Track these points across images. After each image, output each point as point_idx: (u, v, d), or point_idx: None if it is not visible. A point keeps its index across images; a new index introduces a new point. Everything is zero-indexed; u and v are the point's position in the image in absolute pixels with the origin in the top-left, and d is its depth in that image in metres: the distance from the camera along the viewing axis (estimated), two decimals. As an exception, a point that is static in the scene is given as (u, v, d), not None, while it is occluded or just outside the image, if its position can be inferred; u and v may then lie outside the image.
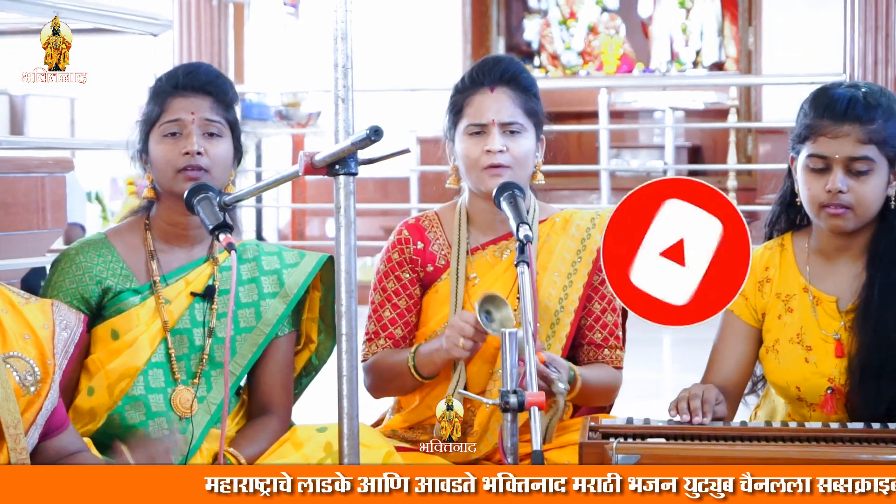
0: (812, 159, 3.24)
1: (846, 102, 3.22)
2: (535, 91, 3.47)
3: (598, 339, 3.49)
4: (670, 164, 10.42)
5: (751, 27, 12.94)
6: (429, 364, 3.33)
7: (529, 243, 3.06)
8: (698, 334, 8.21)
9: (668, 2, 13.85)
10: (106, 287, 3.21)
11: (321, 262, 3.35)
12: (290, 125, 11.84)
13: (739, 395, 3.43)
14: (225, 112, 3.24)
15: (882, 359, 3.22)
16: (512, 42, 14.29)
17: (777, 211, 3.45)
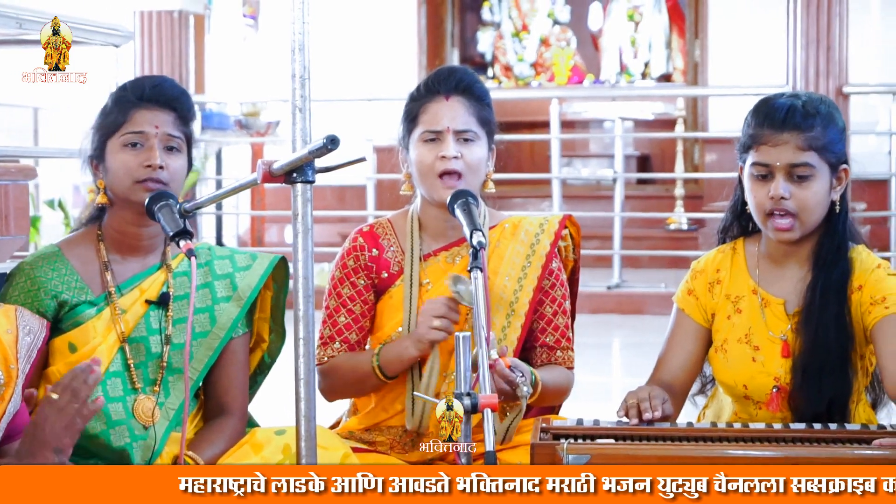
0: (755, 167, 3.26)
1: (785, 111, 3.24)
2: (488, 101, 3.47)
3: (550, 341, 3.50)
4: (620, 172, 10.44)
5: (697, 40, 13.00)
6: (395, 362, 3.32)
7: (483, 249, 3.06)
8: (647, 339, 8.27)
9: (618, 15, 13.88)
10: (62, 301, 3.18)
11: (273, 264, 3.34)
12: (249, 134, 11.81)
13: (686, 392, 3.44)
14: (184, 127, 3.22)
15: (823, 359, 3.24)
16: (466, 53, 14.30)
17: (729, 218, 3.47)
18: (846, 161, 3.31)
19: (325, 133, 2.38)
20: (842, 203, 3.32)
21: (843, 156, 3.30)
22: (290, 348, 2.56)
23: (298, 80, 2.46)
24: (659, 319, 8.98)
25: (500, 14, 14.33)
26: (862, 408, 3.34)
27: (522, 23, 14.25)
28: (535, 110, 12.15)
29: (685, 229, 11.96)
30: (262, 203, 11.90)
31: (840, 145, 3.29)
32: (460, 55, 13.97)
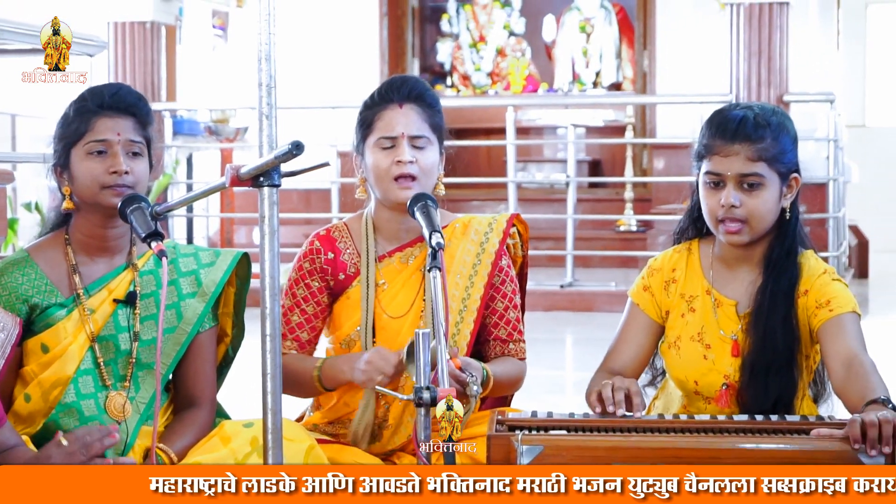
0: (708, 175, 3.28)
1: (737, 123, 3.25)
2: (438, 108, 3.48)
3: (503, 334, 3.50)
4: (572, 176, 10.45)
5: (646, 51, 13.03)
6: (332, 380, 3.32)
7: (442, 250, 3.07)
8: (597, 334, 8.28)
9: (570, 27, 13.89)
10: (33, 304, 3.16)
11: (235, 260, 3.33)
12: (218, 140, 11.79)
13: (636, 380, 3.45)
14: (144, 132, 3.21)
15: (770, 359, 3.26)
16: (426, 63, 14.29)
17: (686, 221, 3.49)
18: (797, 170, 3.32)
19: (290, 139, 2.38)
20: (792, 209, 3.33)
21: (793, 165, 3.30)
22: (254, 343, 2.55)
23: (265, 88, 2.46)
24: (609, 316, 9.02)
25: (459, 26, 14.33)
26: (805, 403, 3.36)
27: (480, 34, 14.25)
28: (492, 117, 12.16)
29: (634, 231, 11.99)
30: (231, 206, 11.87)
31: (791, 155, 3.29)
32: (420, 65, 13.97)
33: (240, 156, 12.03)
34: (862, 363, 3.11)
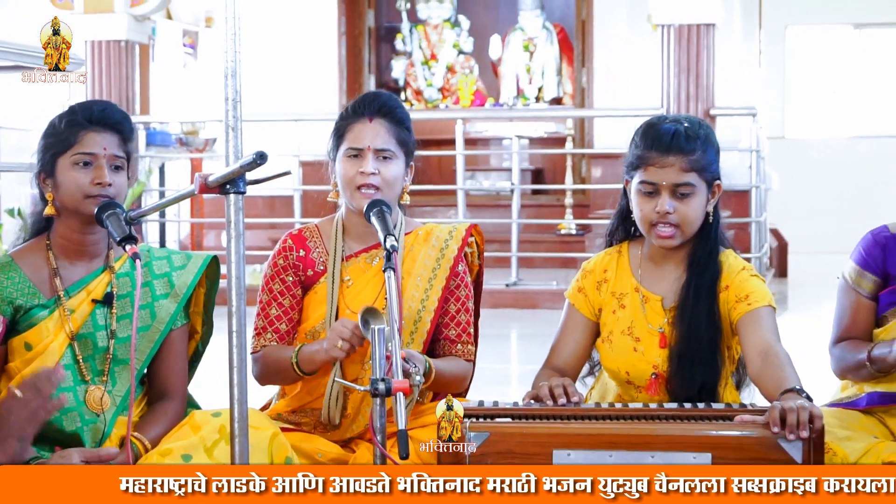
0: (643, 185, 3.29)
1: (671, 137, 3.27)
2: (408, 124, 3.47)
3: (452, 335, 3.50)
4: (516, 184, 10.47)
5: (584, 68, 13.07)
6: (309, 362, 3.31)
7: (395, 252, 3.07)
8: (540, 330, 8.28)
9: (515, 46, 13.91)
10: (17, 306, 3.15)
11: (206, 263, 3.33)
12: (189, 150, 11.75)
13: (576, 375, 3.47)
14: (126, 147, 3.20)
15: (695, 349, 3.28)
16: (381, 79, 14.27)
17: (615, 224, 3.50)
18: (719, 177, 3.35)
19: (255, 150, 2.38)
20: (714, 213, 3.36)
21: (717, 173, 3.34)
22: (222, 339, 2.54)
23: (231, 102, 2.46)
24: (551, 313, 9.03)
25: (412, 45, 14.32)
26: (728, 390, 3.38)
27: (431, 52, 14.25)
28: (443, 129, 12.16)
29: (574, 234, 12.02)
30: (200, 211, 11.83)
31: (715, 165, 3.32)
32: (376, 81, 13.95)
33: (209, 165, 11.99)
34: (777, 353, 3.14)
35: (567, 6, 14.00)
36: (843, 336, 3.54)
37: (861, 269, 3.54)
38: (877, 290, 3.52)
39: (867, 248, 3.55)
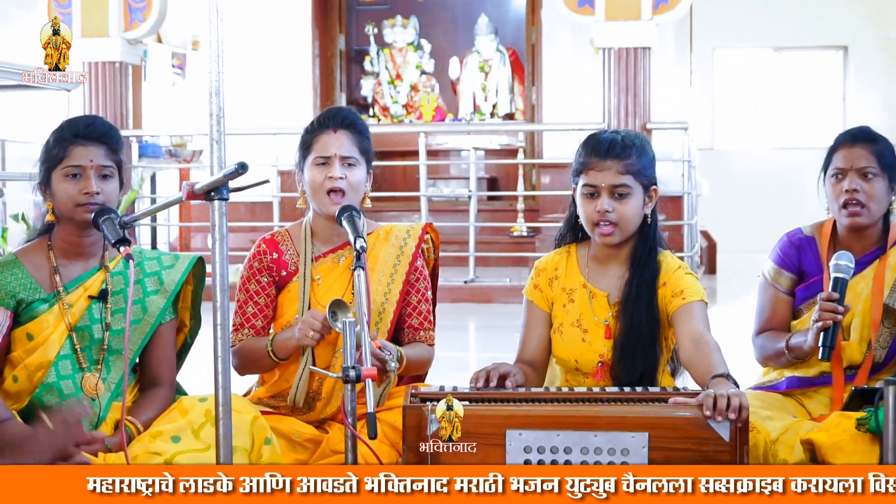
0: (585, 187, 3.30)
1: (608, 144, 3.29)
2: (367, 135, 3.49)
3: (415, 323, 3.50)
4: (473, 191, 10.47)
5: (534, 87, 13.09)
6: (283, 349, 3.33)
7: (365, 252, 3.08)
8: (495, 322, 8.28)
9: (472, 67, 13.92)
10: (20, 299, 3.14)
11: (192, 262, 3.32)
12: (177, 161, 11.69)
13: (545, 364, 3.46)
14: (114, 156, 3.18)
15: (637, 339, 3.28)
16: (351, 97, 14.25)
17: (565, 228, 3.51)
18: (655, 183, 3.36)
19: (237, 160, 2.38)
20: (652, 216, 3.37)
21: (653, 179, 3.35)
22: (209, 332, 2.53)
23: (215, 117, 2.45)
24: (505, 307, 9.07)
25: (379, 66, 14.30)
26: (665, 376, 3.39)
27: (396, 73, 14.24)
28: (407, 142, 12.16)
29: (525, 236, 12.03)
30: (188, 216, 11.77)
31: (651, 171, 3.34)
32: (347, 98, 13.93)
33: (195, 174, 11.94)
34: (707, 343, 3.15)
35: (518, 31, 14.03)
36: (764, 328, 3.57)
37: (779, 267, 3.57)
38: (793, 286, 3.55)
39: (784, 249, 3.58)
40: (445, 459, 2.77)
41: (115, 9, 10.11)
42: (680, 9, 9.27)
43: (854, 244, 3.49)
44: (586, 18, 9.35)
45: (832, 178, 3.48)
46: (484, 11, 13.96)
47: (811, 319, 3.29)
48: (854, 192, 3.41)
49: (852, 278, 3.37)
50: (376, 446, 3.05)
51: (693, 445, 2.75)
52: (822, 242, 3.53)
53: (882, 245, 3.50)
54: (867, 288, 3.44)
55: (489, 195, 13.23)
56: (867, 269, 3.46)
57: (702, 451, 2.74)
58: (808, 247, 3.55)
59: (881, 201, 3.45)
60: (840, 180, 3.45)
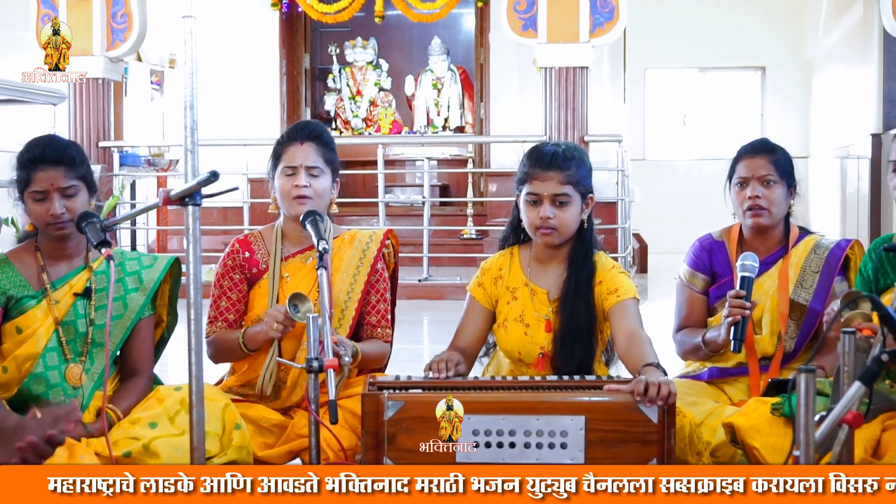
0: (529, 195, 3.32)
1: (550, 156, 3.30)
2: (333, 146, 3.49)
3: (373, 321, 3.50)
4: (427, 197, 10.46)
5: (482, 102, 13.10)
6: (253, 341, 3.32)
7: (326, 253, 3.08)
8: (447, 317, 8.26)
9: (426, 84, 13.91)
10: (10, 296, 3.12)
11: (169, 263, 3.31)
12: (156, 170, 11.60)
13: (475, 355, 3.47)
14: (77, 173, 3.10)
15: (575, 333, 3.30)
16: (315, 111, 14.20)
17: (508, 231, 3.52)
18: (592, 192, 3.38)
19: (209, 169, 2.37)
20: (588, 221, 3.39)
21: (590, 188, 3.37)
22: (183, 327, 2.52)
23: (189, 129, 2.44)
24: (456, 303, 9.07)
25: (341, 83, 14.26)
26: (600, 367, 3.41)
27: (357, 89, 14.20)
28: (367, 152, 12.13)
29: (474, 238, 12.04)
30: (165, 220, 11.69)
31: (588, 180, 3.36)
32: (311, 112, 13.88)
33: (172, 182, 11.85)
34: (640, 337, 3.17)
35: (468, 52, 14.04)
36: (682, 325, 3.60)
37: (693, 270, 3.60)
38: (706, 287, 3.59)
39: (696, 253, 3.61)
40: (401, 443, 2.78)
41: (99, 29, 10.03)
42: (614, 32, 9.31)
43: (759, 246, 3.53)
44: (530, 41, 9.37)
45: (736, 185, 3.52)
46: (437, 34, 13.96)
47: (723, 316, 3.32)
48: (756, 198, 3.46)
49: (759, 277, 3.41)
50: (337, 431, 3.06)
51: (625, 427, 2.77)
52: (731, 245, 3.57)
53: (784, 246, 3.55)
54: (773, 285, 3.48)
55: (441, 201, 13.24)
56: (772, 268, 3.51)
57: (632, 432, 2.76)
58: (718, 250, 3.59)
59: (781, 205, 3.49)
60: (743, 188, 3.49)
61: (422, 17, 10.75)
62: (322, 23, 11.68)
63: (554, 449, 2.74)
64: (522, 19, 9.35)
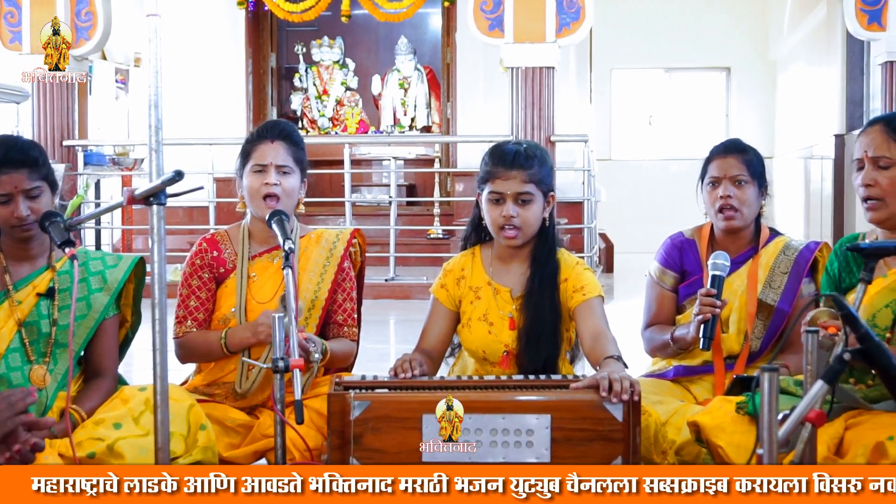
0: (491, 194, 3.32)
1: (513, 155, 3.31)
2: (302, 146, 3.49)
3: (340, 319, 3.50)
4: (394, 197, 10.46)
5: (449, 102, 13.11)
6: (237, 345, 3.31)
7: (292, 253, 3.07)
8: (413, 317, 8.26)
9: (392, 84, 13.90)
10: None
11: (134, 263, 3.28)
12: (120, 169, 11.52)
13: (441, 355, 3.48)
14: (40, 174, 3.07)
15: (539, 330, 3.30)
16: (282, 111, 14.16)
17: (469, 230, 3.52)
18: (553, 190, 3.39)
19: (174, 168, 2.36)
20: (550, 219, 3.39)
21: (551, 187, 3.38)
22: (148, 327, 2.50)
23: (154, 129, 2.42)
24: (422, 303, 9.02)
25: (307, 82, 14.22)
26: (565, 365, 3.42)
27: (323, 88, 14.17)
28: (333, 152, 12.10)
29: (441, 237, 12.05)
30: (130, 219, 11.62)
31: (549, 179, 3.36)
32: (277, 112, 13.84)
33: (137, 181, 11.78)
34: (605, 335, 3.19)
35: (435, 52, 14.04)
36: (651, 322, 3.62)
37: (663, 267, 3.62)
38: (676, 284, 3.61)
39: (667, 251, 3.63)
40: (368, 443, 2.77)
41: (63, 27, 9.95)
42: (581, 32, 9.34)
43: (729, 245, 3.55)
44: (496, 41, 9.38)
45: (708, 185, 3.54)
46: (403, 33, 13.95)
47: (692, 313, 3.34)
48: (728, 198, 3.48)
49: (729, 276, 3.43)
50: (303, 430, 3.05)
51: (590, 426, 2.78)
52: (702, 244, 3.59)
53: (755, 245, 3.57)
54: (742, 285, 3.50)
55: (408, 201, 13.24)
56: (742, 268, 3.53)
57: (598, 430, 2.77)
58: (689, 248, 3.61)
59: (753, 205, 3.52)
60: (715, 187, 3.51)
61: (388, 17, 10.73)
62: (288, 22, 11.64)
63: (520, 447, 2.74)
64: (489, 19, 9.36)
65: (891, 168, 2.99)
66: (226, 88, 12.68)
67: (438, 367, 3.47)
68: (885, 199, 3.00)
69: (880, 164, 3.00)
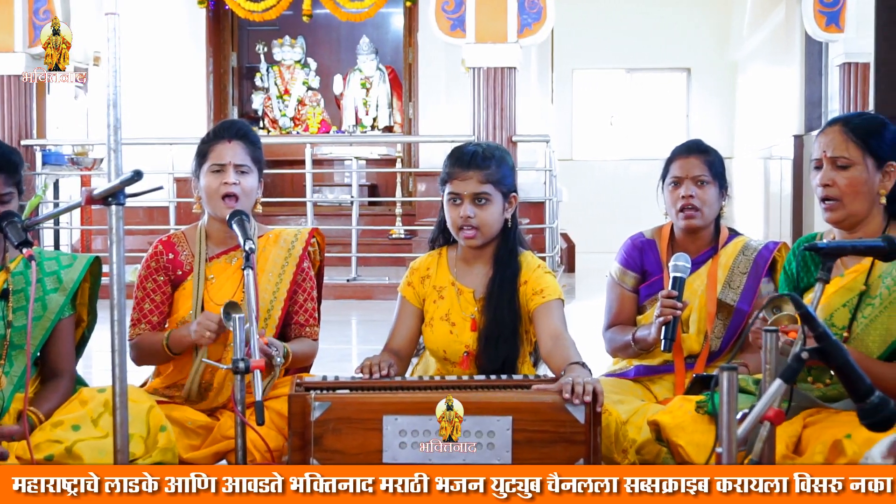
0: (450, 195, 3.33)
1: (470, 156, 3.32)
2: (259, 146, 3.48)
3: (301, 320, 3.49)
4: (355, 197, 10.44)
5: (411, 102, 13.11)
6: (178, 345, 3.29)
7: (253, 253, 3.05)
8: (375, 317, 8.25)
9: (354, 83, 13.88)
10: None
11: (89, 262, 3.26)
12: (79, 168, 11.43)
13: (410, 355, 3.49)
14: (15, 179, 3.07)
15: (499, 331, 3.31)
16: (243, 110, 14.10)
17: (437, 232, 3.53)
18: (515, 190, 3.39)
19: (133, 168, 2.34)
20: (512, 220, 3.40)
21: (512, 187, 3.38)
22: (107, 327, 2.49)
23: (112, 128, 2.42)
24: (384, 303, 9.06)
25: (269, 82, 14.17)
26: (527, 366, 3.42)
27: (285, 88, 14.12)
28: (295, 152, 12.06)
29: (403, 238, 12.04)
30: (89, 220, 11.52)
31: (510, 179, 3.37)
32: (238, 111, 13.78)
33: (96, 181, 11.69)
34: (564, 338, 3.20)
35: (397, 51, 14.04)
36: (612, 322, 3.64)
37: (624, 268, 3.64)
38: (637, 285, 3.63)
39: (628, 251, 3.65)
40: (328, 444, 2.77)
41: (20, 25, 9.86)
42: (542, 33, 9.36)
43: (690, 245, 3.58)
44: (458, 41, 9.39)
45: (670, 185, 3.56)
46: (365, 33, 13.93)
47: (654, 315, 3.36)
48: (689, 198, 3.50)
49: (689, 276, 3.45)
50: (264, 432, 3.04)
51: (552, 427, 2.78)
52: (662, 244, 3.61)
53: (714, 246, 3.60)
54: (702, 285, 3.53)
55: (370, 201, 13.22)
56: (702, 268, 3.55)
57: (559, 432, 2.78)
58: (650, 249, 3.63)
59: (713, 206, 3.55)
60: (677, 187, 3.54)
61: (350, 17, 10.72)
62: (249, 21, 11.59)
63: (481, 449, 2.74)
64: (451, 19, 9.36)
65: (849, 168, 3.02)
66: (186, 88, 12.62)
67: (407, 365, 3.47)
68: (843, 199, 3.02)
69: (838, 164, 3.03)
